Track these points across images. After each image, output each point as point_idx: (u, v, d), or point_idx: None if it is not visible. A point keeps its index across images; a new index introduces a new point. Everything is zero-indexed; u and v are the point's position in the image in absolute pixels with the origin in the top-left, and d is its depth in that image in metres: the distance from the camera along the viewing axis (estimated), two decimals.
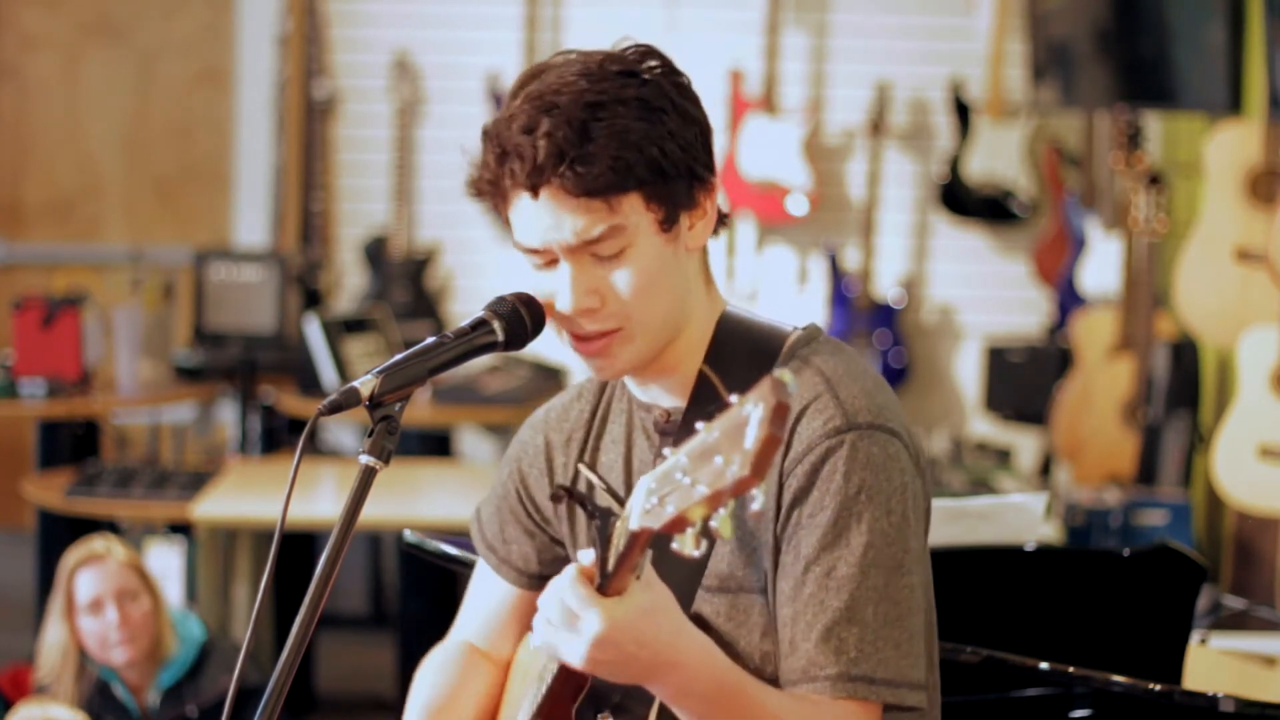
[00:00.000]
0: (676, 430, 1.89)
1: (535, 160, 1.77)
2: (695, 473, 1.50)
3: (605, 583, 1.66)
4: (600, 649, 1.66)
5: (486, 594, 2.11)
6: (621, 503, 1.72)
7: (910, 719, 1.85)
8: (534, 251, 1.83)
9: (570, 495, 1.77)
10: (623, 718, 1.81)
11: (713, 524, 1.50)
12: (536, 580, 2.06)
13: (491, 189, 1.83)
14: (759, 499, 1.47)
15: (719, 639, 1.83)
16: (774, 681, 1.82)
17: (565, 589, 1.67)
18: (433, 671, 2.08)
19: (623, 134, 1.77)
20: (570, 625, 1.66)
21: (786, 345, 1.88)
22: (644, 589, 1.67)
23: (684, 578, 1.82)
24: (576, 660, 1.67)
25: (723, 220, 1.91)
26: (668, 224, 1.82)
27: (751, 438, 1.45)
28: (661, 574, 1.72)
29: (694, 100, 1.85)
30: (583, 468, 1.91)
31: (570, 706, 1.81)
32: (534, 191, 1.79)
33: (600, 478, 1.83)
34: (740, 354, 1.88)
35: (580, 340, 1.85)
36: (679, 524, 1.52)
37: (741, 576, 1.83)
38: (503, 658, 2.11)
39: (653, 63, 1.83)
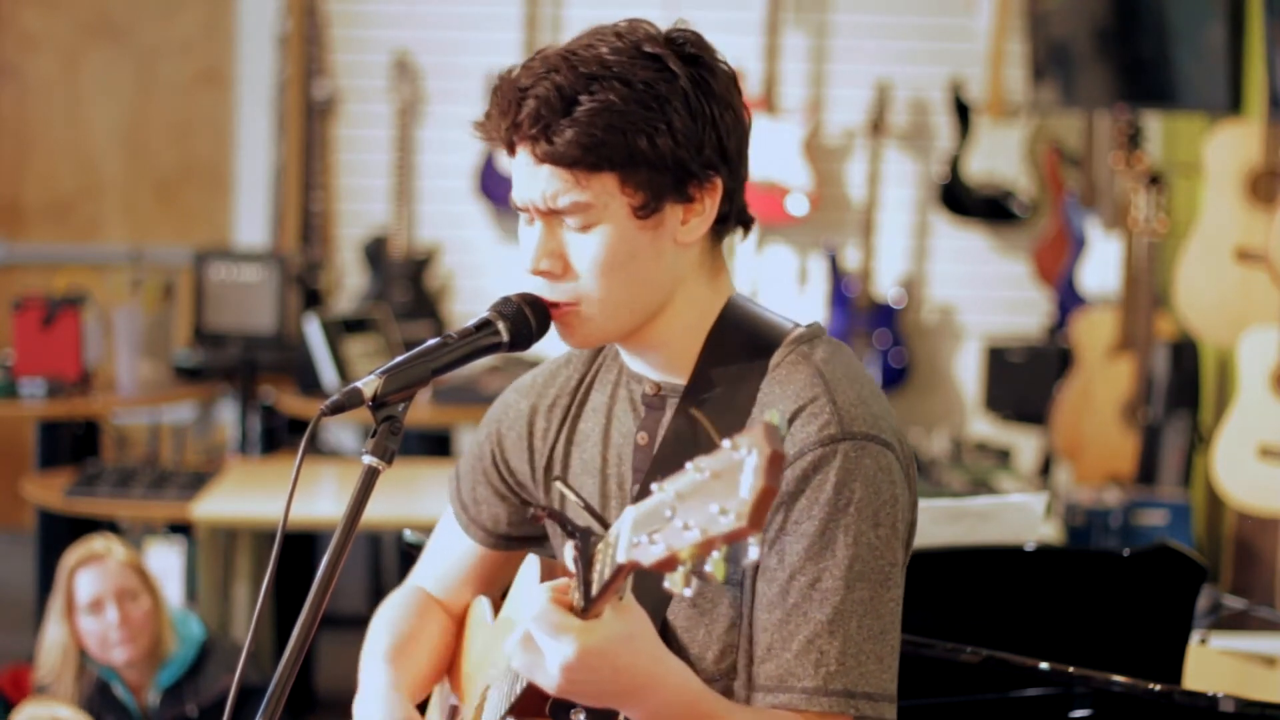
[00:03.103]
0: (664, 406, 1.88)
1: (515, 118, 1.80)
2: (686, 515, 1.49)
3: (587, 606, 1.65)
4: (574, 673, 1.65)
5: (451, 547, 2.13)
6: (597, 518, 1.71)
7: None
8: (519, 208, 1.86)
9: (550, 515, 1.75)
10: (596, 716, 1.80)
11: (707, 569, 1.48)
12: (503, 541, 2.08)
13: (487, 135, 1.86)
14: (754, 549, 1.46)
15: (682, 625, 1.83)
16: (730, 673, 1.81)
17: (542, 614, 1.66)
18: (390, 617, 2.11)
19: (608, 114, 1.77)
20: (546, 648, 1.65)
21: (786, 340, 1.87)
22: (622, 613, 1.66)
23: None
24: (549, 683, 1.67)
25: (745, 221, 1.90)
26: (644, 212, 1.81)
27: (747, 487, 1.43)
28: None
29: (718, 97, 1.82)
30: (558, 484, 1.91)
31: (543, 704, 1.81)
32: (510, 149, 1.83)
33: (576, 493, 1.82)
34: (737, 344, 1.87)
35: (549, 303, 1.86)
36: (669, 564, 1.51)
37: None
38: (459, 607, 2.13)
39: (692, 51, 1.82)
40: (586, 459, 1.95)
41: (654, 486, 1.55)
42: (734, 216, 1.88)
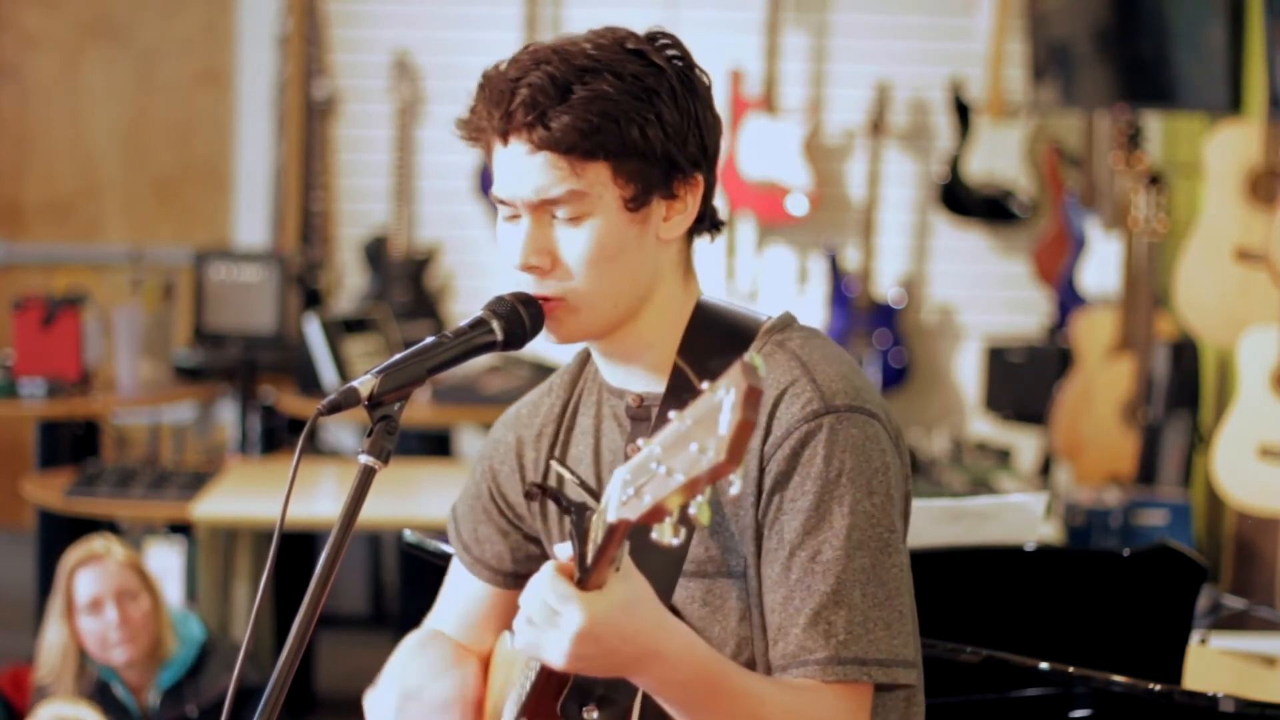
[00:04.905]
0: (649, 416, 1.89)
1: (508, 107, 1.80)
2: (670, 461, 1.49)
3: (584, 577, 1.65)
4: (582, 644, 1.64)
5: (462, 591, 2.12)
6: (594, 495, 1.71)
7: (901, 696, 1.85)
8: (502, 202, 1.86)
9: (544, 492, 1.77)
10: (608, 710, 1.80)
11: (691, 511, 1.48)
12: (510, 578, 2.07)
13: (474, 130, 1.86)
14: (736, 484, 1.46)
15: (694, 624, 1.83)
16: (750, 667, 1.82)
17: (544, 587, 1.66)
18: (411, 655, 2.10)
19: (602, 101, 1.78)
20: (551, 622, 1.65)
21: (761, 331, 1.88)
22: (623, 581, 1.66)
23: (665, 564, 1.82)
24: (559, 657, 1.66)
25: (717, 225, 1.92)
26: (634, 204, 1.82)
27: (726, 423, 1.44)
28: (641, 562, 1.71)
29: (700, 97, 1.85)
30: (554, 463, 1.91)
31: (555, 703, 1.81)
32: (504, 138, 1.83)
33: (571, 471, 1.83)
34: (714, 341, 1.88)
35: (538, 298, 1.86)
36: (657, 513, 1.51)
37: (719, 561, 1.83)
38: (480, 651, 2.12)
39: (672, 52, 1.84)
40: (583, 481, 1.95)
41: (640, 442, 1.57)
42: (708, 218, 1.90)
